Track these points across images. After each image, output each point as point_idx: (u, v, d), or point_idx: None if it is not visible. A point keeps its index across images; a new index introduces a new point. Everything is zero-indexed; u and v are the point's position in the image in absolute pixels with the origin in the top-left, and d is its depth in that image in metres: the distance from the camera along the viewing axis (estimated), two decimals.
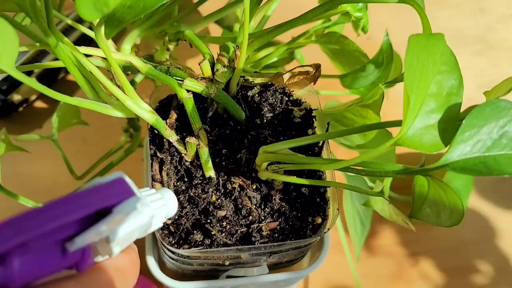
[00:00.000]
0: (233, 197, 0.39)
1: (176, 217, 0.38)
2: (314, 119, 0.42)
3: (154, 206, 0.28)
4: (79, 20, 0.56)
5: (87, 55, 0.37)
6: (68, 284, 0.23)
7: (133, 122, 0.55)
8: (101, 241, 0.25)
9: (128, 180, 0.25)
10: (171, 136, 0.39)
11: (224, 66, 0.38)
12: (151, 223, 0.28)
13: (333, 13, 0.44)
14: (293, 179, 0.37)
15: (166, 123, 0.39)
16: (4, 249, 0.20)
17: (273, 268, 0.46)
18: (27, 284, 0.22)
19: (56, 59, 0.37)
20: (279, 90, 0.43)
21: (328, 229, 0.38)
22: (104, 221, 0.23)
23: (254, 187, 0.39)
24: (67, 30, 0.64)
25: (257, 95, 0.42)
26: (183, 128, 0.40)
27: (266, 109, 0.42)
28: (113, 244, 0.24)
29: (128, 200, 0.24)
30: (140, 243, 0.49)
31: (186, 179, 0.40)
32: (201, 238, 0.38)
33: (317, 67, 0.42)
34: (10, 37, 0.30)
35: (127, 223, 0.25)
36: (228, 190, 0.39)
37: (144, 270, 0.54)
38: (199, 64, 0.39)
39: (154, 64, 0.39)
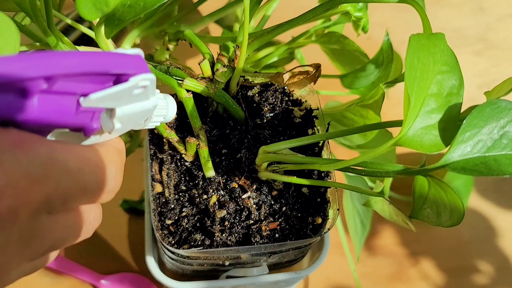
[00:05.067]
0: (233, 197, 0.39)
1: (176, 218, 0.38)
2: (314, 119, 0.42)
3: (158, 102, 0.29)
4: (79, 20, 0.56)
5: None
6: (80, 147, 0.24)
7: None
8: (105, 115, 0.25)
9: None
10: (171, 136, 0.38)
11: (224, 66, 0.38)
12: (150, 115, 0.29)
13: (333, 13, 0.44)
14: (293, 179, 0.37)
15: (166, 123, 0.39)
16: (31, 77, 0.20)
17: (273, 268, 0.46)
18: (40, 128, 0.23)
19: None
20: (279, 90, 0.43)
21: (328, 229, 0.38)
22: (120, 85, 0.24)
23: (254, 187, 0.39)
24: (67, 30, 0.64)
25: (257, 95, 0.42)
26: (183, 128, 0.40)
27: (266, 109, 0.42)
28: (115, 119, 0.25)
29: (144, 74, 0.25)
30: (139, 243, 0.49)
31: (186, 179, 0.39)
32: (201, 238, 0.37)
33: (317, 67, 0.42)
34: (12, 35, 0.30)
35: (134, 102, 0.26)
36: (228, 191, 0.39)
37: (144, 270, 0.54)
38: (199, 64, 0.39)
39: (154, 63, 0.39)
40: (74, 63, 0.21)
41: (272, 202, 0.39)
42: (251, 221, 0.38)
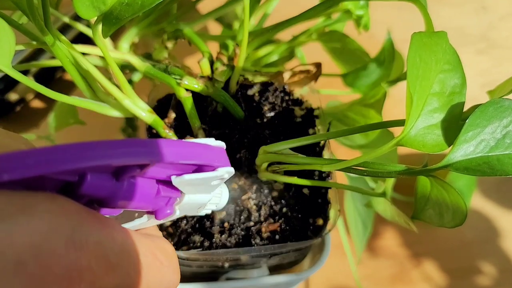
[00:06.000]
0: (233, 198, 0.38)
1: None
2: (315, 118, 0.42)
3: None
4: (77, 18, 0.56)
5: (84, 54, 0.37)
6: (149, 241, 0.24)
7: (131, 122, 0.55)
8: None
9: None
10: (170, 136, 0.38)
11: (223, 65, 0.38)
12: (206, 204, 0.29)
13: (334, 11, 0.44)
14: (294, 180, 0.37)
15: (165, 123, 0.38)
16: (132, 164, 0.21)
17: (274, 270, 0.46)
18: (119, 206, 0.23)
19: (53, 57, 0.37)
20: (279, 89, 0.42)
21: (329, 230, 0.38)
22: (209, 173, 0.25)
23: (254, 188, 0.38)
24: (65, 29, 0.64)
25: (257, 94, 0.42)
26: (182, 128, 0.39)
27: (266, 108, 0.41)
28: (178, 205, 0.26)
29: (228, 167, 0.26)
30: None
31: None
32: (200, 240, 0.37)
33: (318, 66, 0.41)
34: (7, 35, 0.30)
35: (202, 192, 0.27)
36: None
37: None
38: (198, 63, 0.38)
39: (152, 62, 0.39)
40: (172, 153, 0.22)
41: (272, 203, 0.38)
42: (251, 223, 0.38)
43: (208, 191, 0.28)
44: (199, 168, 0.25)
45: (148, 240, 0.24)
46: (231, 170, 0.26)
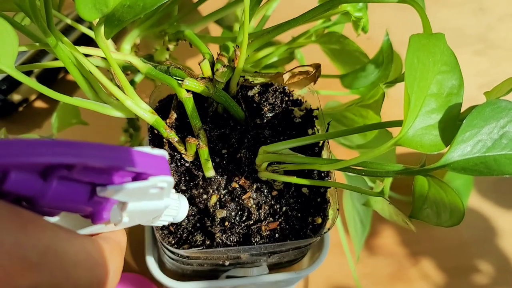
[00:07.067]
0: (233, 198, 0.38)
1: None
2: (314, 119, 0.42)
3: (170, 202, 0.30)
4: (79, 20, 0.56)
5: (86, 55, 0.37)
6: (84, 239, 0.24)
7: (133, 122, 0.55)
8: (116, 207, 0.26)
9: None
10: (171, 136, 0.38)
11: (224, 66, 0.38)
12: (160, 215, 0.29)
13: (333, 13, 0.44)
14: (293, 179, 0.37)
15: (166, 123, 0.39)
16: (55, 163, 0.21)
17: (273, 268, 0.46)
18: (50, 207, 0.23)
19: (56, 59, 0.37)
20: (279, 90, 0.43)
21: (328, 229, 0.38)
22: (138, 182, 0.25)
23: (255, 187, 0.39)
24: (67, 30, 0.64)
25: (257, 95, 0.42)
26: (183, 128, 0.40)
27: (266, 109, 0.42)
28: (125, 213, 0.26)
29: (164, 176, 0.25)
30: (140, 243, 0.48)
31: (186, 179, 0.39)
32: (201, 239, 0.37)
33: (317, 67, 0.42)
34: (10, 37, 0.30)
35: (147, 200, 0.26)
36: (228, 191, 0.39)
37: (144, 270, 0.54)
38: (199, 64, 0.39)
39: (153, 64, 0.39)
40: (99, 156, 0.22)
41: (272, 202, 0.39)
42: (251, 221, 0.38)
43: (154, 199, 0.27)
44: (137, 175, 0.25)
45: (87, 240, 0.24)
46: (168, 179, 0.26)
